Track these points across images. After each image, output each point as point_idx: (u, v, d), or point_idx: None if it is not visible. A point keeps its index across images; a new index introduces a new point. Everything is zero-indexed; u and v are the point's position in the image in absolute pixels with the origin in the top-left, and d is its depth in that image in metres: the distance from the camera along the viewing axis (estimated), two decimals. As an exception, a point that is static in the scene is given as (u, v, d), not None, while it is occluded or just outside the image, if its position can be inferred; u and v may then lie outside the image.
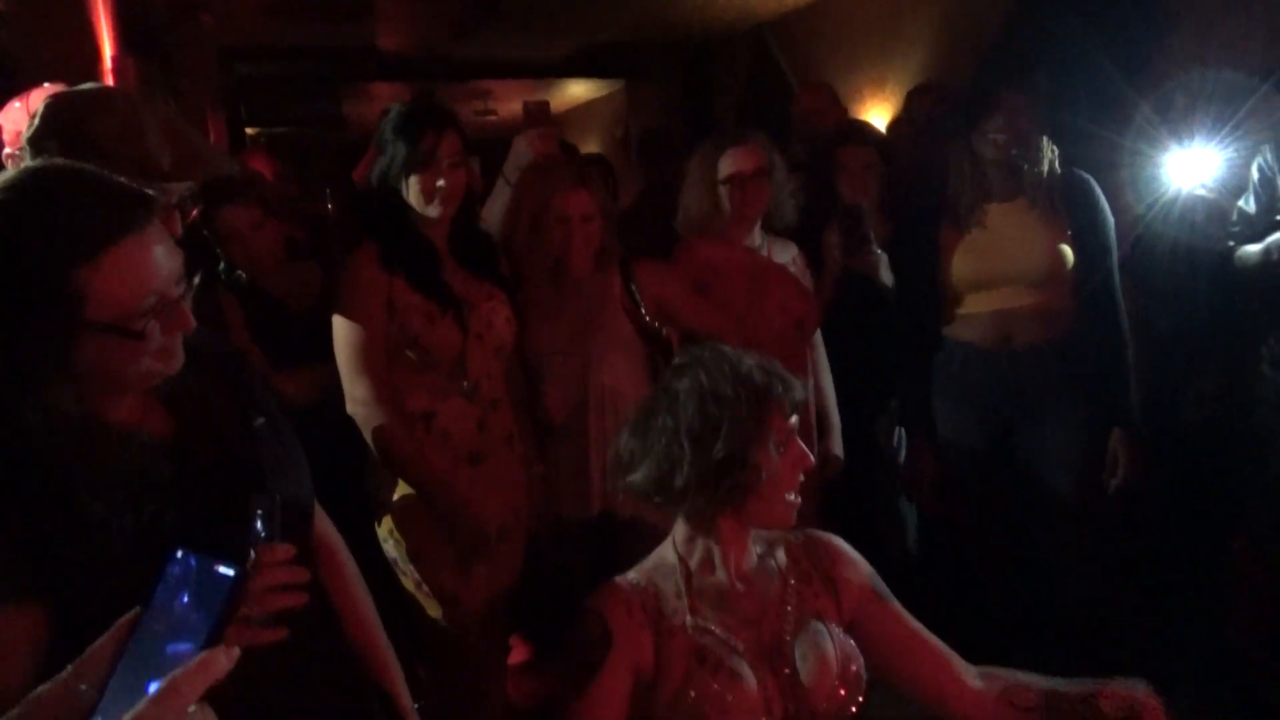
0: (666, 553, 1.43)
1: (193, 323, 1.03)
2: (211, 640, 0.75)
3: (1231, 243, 2.22)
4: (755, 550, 1.45)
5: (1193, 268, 2.32)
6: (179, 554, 0.79)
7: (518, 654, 2.79)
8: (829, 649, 1.38)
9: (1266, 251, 2.12)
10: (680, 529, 1.43)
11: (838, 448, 2.60)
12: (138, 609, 0.78)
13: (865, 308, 2.67)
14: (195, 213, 1.48)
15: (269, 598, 0.94)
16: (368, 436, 1.95)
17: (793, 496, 1.38)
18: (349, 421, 1.99)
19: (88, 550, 0.97)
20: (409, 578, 2.03)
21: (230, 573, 0.78)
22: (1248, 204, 2.21)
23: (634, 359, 2.26)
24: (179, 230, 1.36)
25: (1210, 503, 2.35)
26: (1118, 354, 2.41)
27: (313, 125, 8.45)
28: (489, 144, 3.08)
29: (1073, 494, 2.44)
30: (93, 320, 0.94)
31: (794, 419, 1.39)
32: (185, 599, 0.77)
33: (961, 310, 2.50)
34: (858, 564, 1.49)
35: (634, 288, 2.27)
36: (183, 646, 0.75)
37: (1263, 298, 2.16)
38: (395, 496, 2.00)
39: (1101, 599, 2.44)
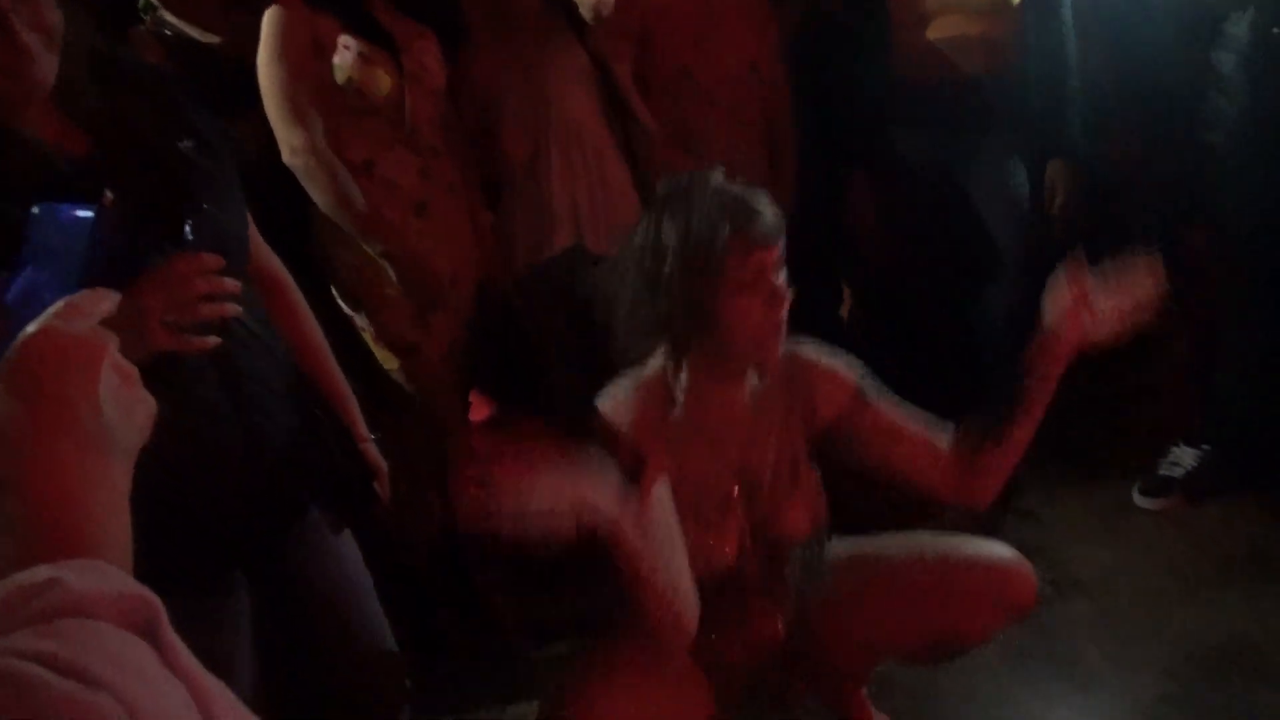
0: (649, 374, 1.44)
1: (53, 18, 0.99)
2: (87, 282, 0.75)
3: None
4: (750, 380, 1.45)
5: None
6: (36, 210, 0.80)
7: (479, 410, 2.86)
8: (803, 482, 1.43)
9: None
10: (660, 358, 1.43)
11: (786, 194, 2.57)
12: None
13: (827, 44, 2.57)
14: None
15: (192, 306, 0.97)
16: (310, 187, 1.88)
17: (771, 335, 1.36)
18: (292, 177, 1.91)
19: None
20: (366, 332, 2.03)
21: (89, 214, 0.81)
22: None
23: (592, 89, 2.21)
24: None
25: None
26: (1061, 83, 2.36)
27: None
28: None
29: (1010, 223, 2.47)
30: None
31: (769, 250, 1.33)
32: (55, 250, 0.79)
33: (906, 39, 2.41)
34: (838, 376, 1.50)
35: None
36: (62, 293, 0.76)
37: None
38: (344, 251, 1.96)
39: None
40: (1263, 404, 2.41)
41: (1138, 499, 2.44)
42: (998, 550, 1.57)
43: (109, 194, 0.83)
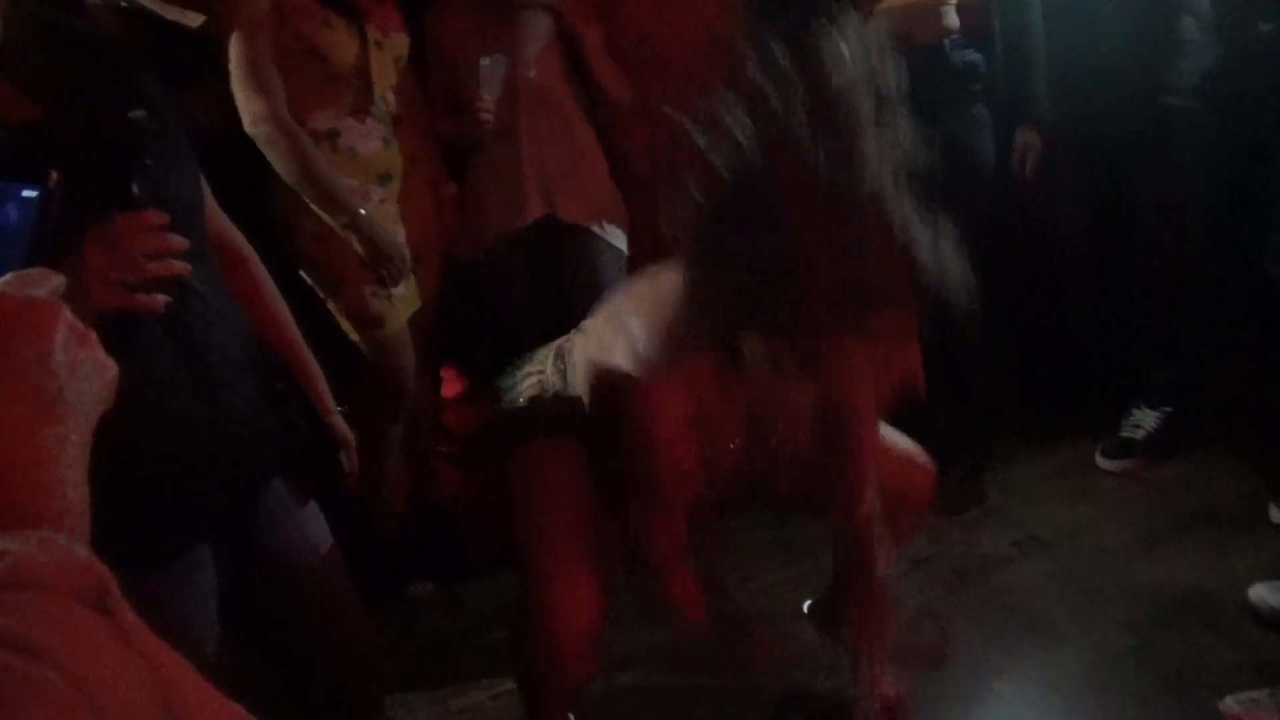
0: None
1: None
2: (34, 263, 0.74)
3: None
4: None
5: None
6: None
7: (451, 387, 2.85)
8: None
9: None
10: None
11: None
12: None
13: (785, 13, 2.56)
14: None
15: (138, 264, 0.96)
16: (272, 156, 1.84)
17: None
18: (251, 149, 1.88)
19: None
20: (329, 303, 2.01)
21: (34, 194, 0.78)
22: None
23: (559, 57, 2.19)
24: None
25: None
26: (1029, 50, 2.37)
27: None
28: None
29: (979, 191, 2.49)
30: None
31: None
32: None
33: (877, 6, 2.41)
34: None
35: None
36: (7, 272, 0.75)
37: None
38: (307, 220, 1.94)
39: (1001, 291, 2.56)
40: (1218, 366, 2.47)
41: (1100, 461, 2.48)
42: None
43: (55, 174, 0.81)
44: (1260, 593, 1.97)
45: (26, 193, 0.79)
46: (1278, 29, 1.88)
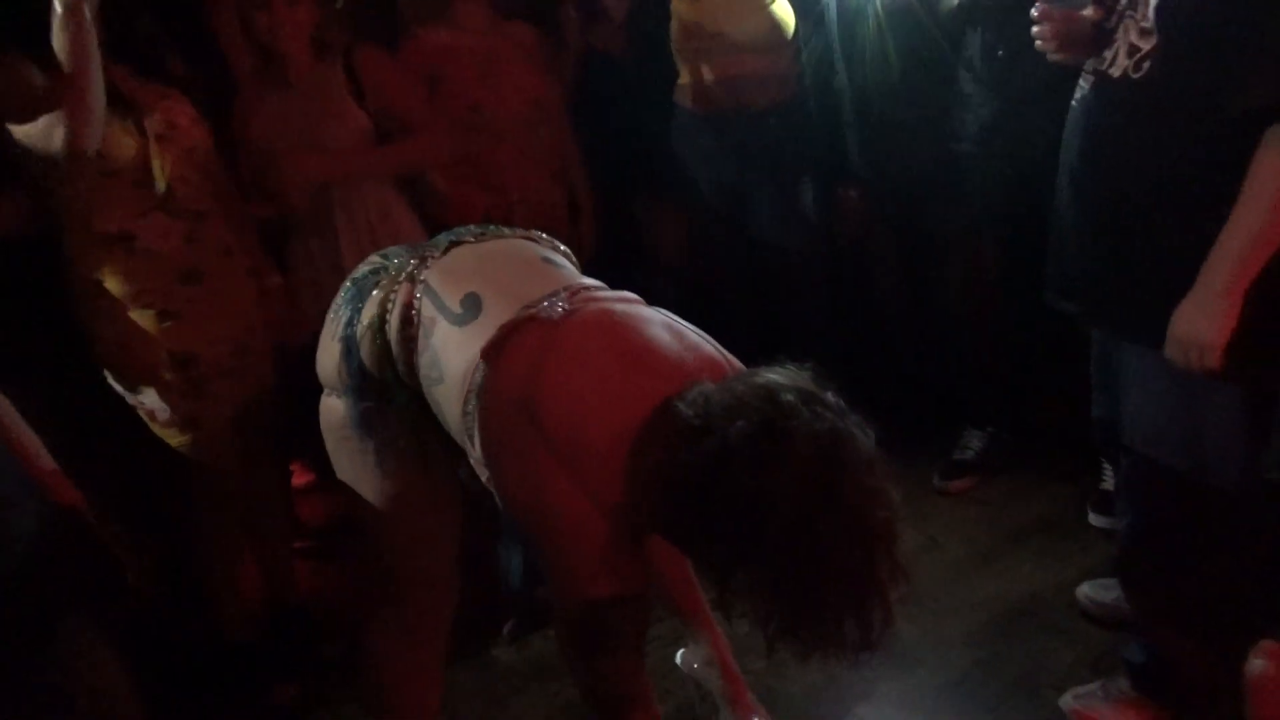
0: None
1: None
2: None
3: None
4: None
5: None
6: None
7: (299, 478, 2.76)
8: None
9: None
10: None
11: (588, 229, 2.65)
12: None
13: (609, 83, 2.68)
14: None
15: None
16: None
17: None
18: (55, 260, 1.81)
19: None
20: (141, 409, 1.94)
21: None
22: None
23: (371, 146, 2.19)
24: None
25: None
26: (838, 112, 2.56)
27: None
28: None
29: (806, 243, 2.65)
30: None
31: None
32: None
33: (691, 79, 2.55)
34: None
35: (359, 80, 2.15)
36: None
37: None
38: (106, 326, 1.88)
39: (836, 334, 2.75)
40: (1032, 387, 2.68)
41: (937, 483, 2.64)
42: None
43: None
44: (1086, 591, 2.12)
45: None
46: (1037, 83, 2.10)
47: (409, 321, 1.37)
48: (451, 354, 1.32)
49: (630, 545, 1.22)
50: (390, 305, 1.40)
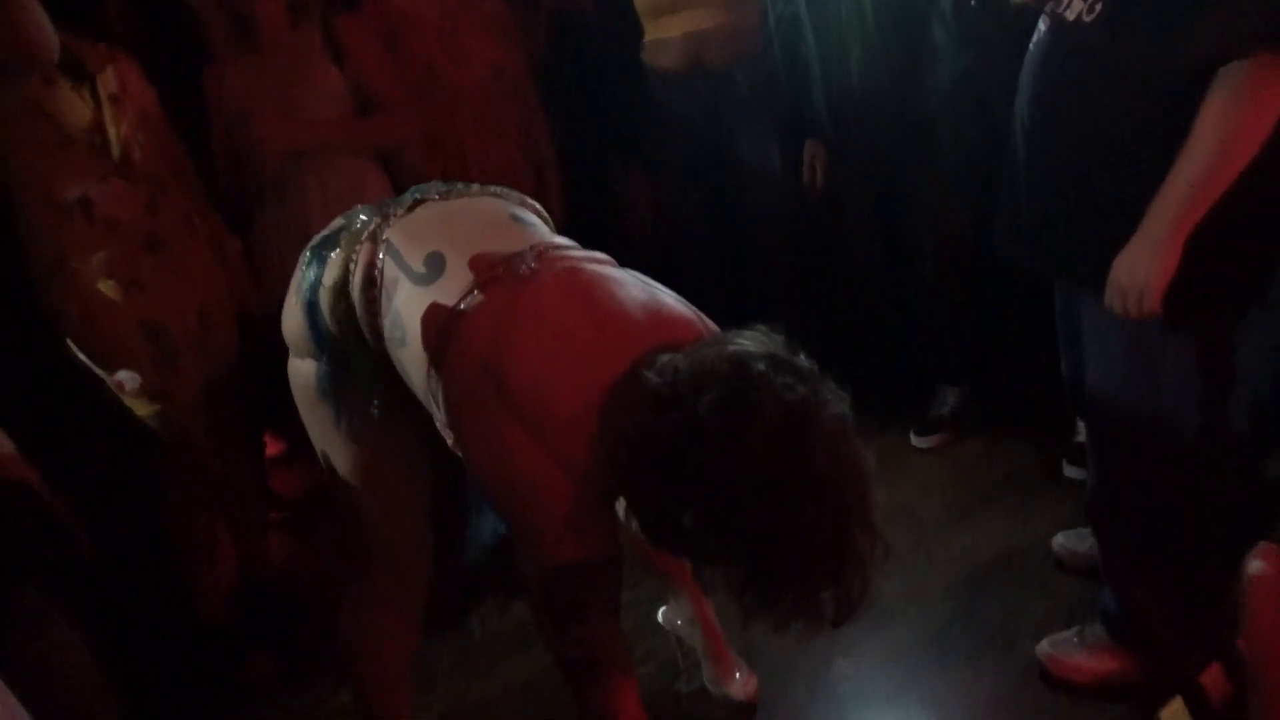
0: None
1: None
2: None
3: None
4: None
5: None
6: None
7: (271, 448, 2.72)
8: None
9: None
10: None
11: (554, 203, 2.61)
12: None
13: (577, 43, 2.63)
14: None
15: None
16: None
17: None
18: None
19: None
20: (109, 380, 1.89)
21: None
22: None
23: (346, 109, 2.15)
24: None
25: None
26: (804, 68, 2.52)
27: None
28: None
29: (776, 203, 2.63)
30: None
31: None
32: None
33: (655, 36, 2.51)
34: None
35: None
36: None
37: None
38: (70, 302, 1.83)
39: (807, 296, 2.74)
40: (1005, 344, 2.69)
41: (913, 439, 2.65)
42: None
43: None
44: (1061, 541, 2.15)
45: None
46: (1008, 37, 2.07)
47: (372, 282, 1.34)
48: (414, 315, 1.29)
49: (598, 510, 1.21)
50: (353, 265, 1.37)
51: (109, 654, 1.40)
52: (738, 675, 1.87)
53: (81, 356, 1.87)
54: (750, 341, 1.12)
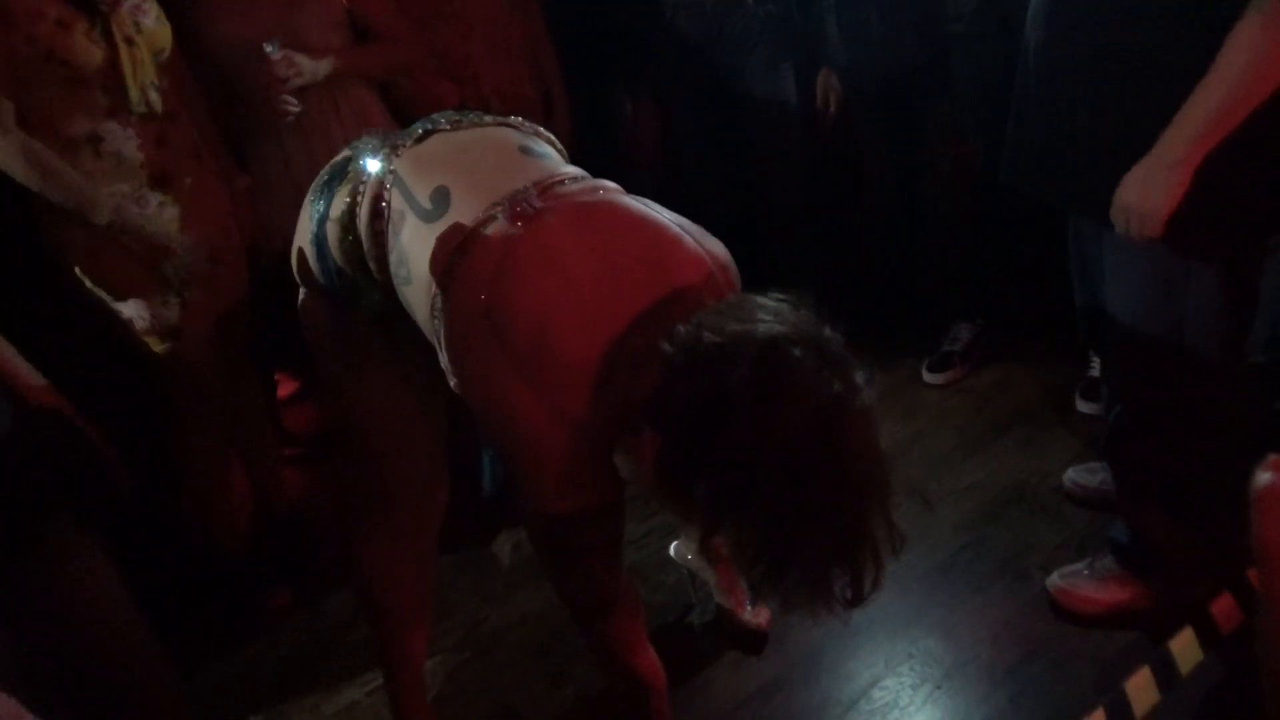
0: None
1: None
2: None
3: None
4: None
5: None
6: None
7: (284, 387, 2.74)
8: None
9: None
10: None
11: (563, 124, 2.56)
12: None
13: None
14: None
15: None
16: (11, 172, 1.70)
17: None
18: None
19: None
20: (122, 315, 1.88)
21: None
22: None
23: (348, 37, 2.10)
24: None
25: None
26: None
27: None
28: None
29: (787, 132, 2.58)
30: None
31: None
32: None
33: None
34: None
35: None
36: None
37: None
38: (77, 233, 1.81)
39: (817, 231, 2.72)
40: (1018, 279, 2.66)
41: (926, 375, 2.64)
42: None
43: None
44: (1072, 475, 2.15)
45: None
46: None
47: (379, 215, 1.31)
48: (419, 252, 1.25)
49: (597, 459, 1.18)
50: (360, 197, 1.34)
51: (138, 585, 1.42)
52: (749, 607, 1.89)
53: (92, 287, 1.86)
54: (778, 318, 1.06)
